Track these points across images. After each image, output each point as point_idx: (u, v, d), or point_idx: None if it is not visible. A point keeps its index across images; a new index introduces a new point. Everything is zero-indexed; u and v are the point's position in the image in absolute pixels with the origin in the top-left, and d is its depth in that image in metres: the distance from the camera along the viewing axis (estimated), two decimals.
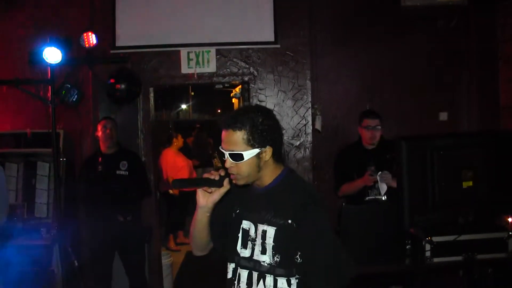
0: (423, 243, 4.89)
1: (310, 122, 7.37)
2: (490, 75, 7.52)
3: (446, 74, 7.60)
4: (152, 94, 7.59)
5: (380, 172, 5.90)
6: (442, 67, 7.60)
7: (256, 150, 2.93)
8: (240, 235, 3.10)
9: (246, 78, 7.39)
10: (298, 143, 7.32)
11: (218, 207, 3.25)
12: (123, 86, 6.78)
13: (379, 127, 6.02)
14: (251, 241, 3.05)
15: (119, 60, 7.05)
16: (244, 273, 3.09)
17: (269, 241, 2.96)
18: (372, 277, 5.96)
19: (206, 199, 3.07)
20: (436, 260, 4.90)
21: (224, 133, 3.01)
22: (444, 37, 7.56)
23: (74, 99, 6.45)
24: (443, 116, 7.43)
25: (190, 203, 11.96)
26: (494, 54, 7.48)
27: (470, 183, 5.35)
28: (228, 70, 7.34)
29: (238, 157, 2.93)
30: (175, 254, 10.08)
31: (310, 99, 7.34)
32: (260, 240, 3.00)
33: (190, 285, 8.76)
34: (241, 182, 3.01)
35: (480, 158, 5.73)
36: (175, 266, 9.17)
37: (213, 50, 7.27)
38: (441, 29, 7.55)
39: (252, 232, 3.06)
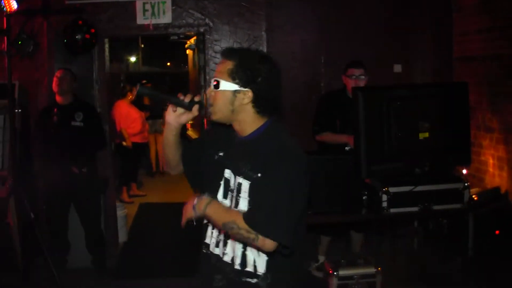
0: (380, 194, 5.10)
1: None
2: (444, 27, 7.78)
3: (401, 25, 7.83)
4: (107, 45, 7.73)
5: None
6: (398, 18, 7.83)
7: (234, 86, 2.93)
8: (222, 183, 3.09)
9: (201, 29, 7.55)
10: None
11: (200, 141, 3.43)
12: (78, 36, 6.91)
13: (363, 76, 6.23)
14: (231, 192, 3.04)
15: (74, 10, 7.10)
16: (214, 233, 3.16)
17: (244, 195, 2.95)
18: (332, 225, 6.32)
19: (172, 117, 3.12)
20: (392, 210, 5.12)
21: (220, 62, 3.05)
22: None
23: (30, 50, 6.63)
24: (397, 68, 7.64)
25: (142, 155, 12.33)
26: (448, 5, 7.74)
27: (427, 135, 5.65)
28: (183, 21, 7.47)
29: (216, 85, 2.95)
30: (128, 206, 10.30)
31: (265, 50, 7.47)
32: (235, 192, 3.00)
33: (143, 236, 9.03)
34: (214, 117, 3.03)
35: (437, 110, 6.06)
36: (129, 218, 9.45)
37: (168, 0, 7.38)
38: None
39: (232, 183, 3.05)
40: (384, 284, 5.42)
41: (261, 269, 2.97)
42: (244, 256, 3.00)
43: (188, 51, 8.96)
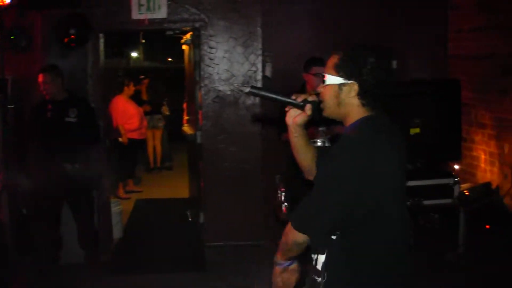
0: None
1: (260, 69, 7.65)
2: (440, 25, 7.85)
3: (398, 21, 7.88)
4: (102, 40, 7.74)
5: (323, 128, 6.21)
6: (395, 14, 7.89)
7: (339, 79, 2.87)
8: None
9: (197, 25, 7.60)
10: (247, 90, 7.55)
11: None
12: (73, 31, 6.95)
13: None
14: None
15: (68, 4, 7.13)
16: None
17: None
18: None
19: (289, 119, 3.12)
20: None
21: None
22: None
23: (23, 44, 6.68)
24: (393, 64, 7.78)
25: (140, 151, 12.36)
26: (445, 2, 7.82)
27: (418, 130, 5.78)
28: (179, 16, 7.53)
29: (324, 80, 2.94)
30: (125, 202, 10.42)
31: (260, 46, 7.61)
32: None
33: (139, 232, 9.07)
34: (324, 113, 3.00)
35: (428, 106, 6.19)
36: (126, 214, 9.55)
37: None
38: None
39: None
40: None
41: (321, 267, 2.92)
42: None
43: (184, 47, 8.99)
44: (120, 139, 10.86)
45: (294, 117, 3.09)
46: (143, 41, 22.06)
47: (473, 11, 7.04)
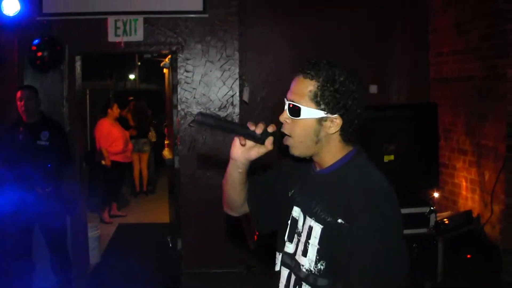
0: None
1: (238, 93, 7.57)
2: (421, 48, 7.74)
3: (378, 45, 7.84)
4: (79, 62, 7.70)
5: None
6: (374, 38, 7.83)
7: (320, 113, 2.43)
8: (289, 222, 2.66)
9: (173, 48, 7.54)
10: (225, 114, 7.50)
11: (273, 176, 2.91)
12: (44, 53, 6.90)
13: None
14: (298, 235, 2.58)
15: (42, 26, 7.12)
16: (284, 272, 2.67)
17: (314, 241, 2.44)
18: None
19: (239, 151, 2.66)
20: None
21: (294, 80, 2.54)
22: (376, 8, 7.81)
23: None
24: (373, 89, 7.59)
25: (124, 175, 12.28)
26: (425, 26, 7.71)
27: (392, 157, 5.66)
28: (155, 39, 7.48)
29: (295, 111, 2.46)
30: (108, 226, 10.40)
31: (238, 70, 7.55)
32: (304, 237, 2.51)
33: (119, 259, 8.82)
34: (292, 150, 2.55)
35: (404, 131, 6.05)
36: (106, 239, 9.44)
37: (140, 18, 7.40)
38: (373, 0, 7.82)
39: (300, 224, 2.58)
40: None
41: None
42: None
43: (164, 70, 8.93)
44: (103, 162, 10.77)
45: (247, 150, 2.63)
46: (139, 63, 22.05)
47: (452, 34, 6.96)
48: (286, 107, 2.50)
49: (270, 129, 2.58)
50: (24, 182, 6.49)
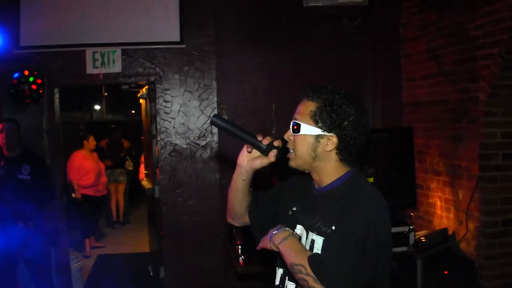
0: None
1: None
2: (393, 73, 7.93)
3: (351, 73, 7.99)
4: (57, 95, 7.73)
5: None
6: (348, 66, 7.98)
7: (317, 130, 2.72)
8: None
9: (152, 79, 7.62)
10: (204, 143, 7.61)
11: (274, 193, 3.13)
12: (25, 87, 6.93)
13: None
14: None
15: (21, 60, 7.17)
16: (291, 286, 2.88)
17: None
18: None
19: (245, 159, 2.91)
20: None
21: (300, 103, 2.85)
22: (349, 36, 7.98)
23: None
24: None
25: (98, 208, 12.16)
26: (397, 52, 7.90)
27: (371, 180, 5.82)
28: (134, 70, 7.55)
29: (296, 128, 2.76)
30: (87, 258, 10.38)
31: (216, 99, 7.64)
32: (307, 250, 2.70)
33: None
34: (292, 163, 2.83)
35: (382, 155, 6.24)
36: (86, 270, 9.42)
37: (118, 50, 7.48)
38: (346, 28, 7.96)
39: (303, 240, 2.80)
40: None
41: None
42: None
43: (141, 100, 9.00)
44: (73, 195, 10.67)
45: (252, 159, 2.88)
46: (106, 94, 22.06)
47: (424, 59, 7.15)
48: (291, 125, 2.80)
49: (276, 143, 2.82)
50: (6, 217, 6.52)
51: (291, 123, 2.80)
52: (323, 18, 7.89)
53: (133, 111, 22.48)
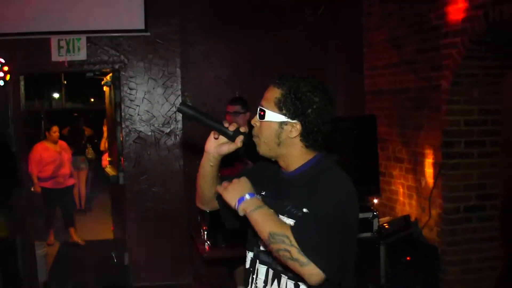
0: None
1: None
2: (356, 62, 8.03)
3: (314, 62, 8.08)
4: (22, 83, 7.73)
5: None
6: (311, 55, 8.09)
7: (281, 117, 2.71)
8: None
9: (116, 66, 7.65)
10: (168, 130, 7.68)
11: (243, 176, 2.93)
12: None
13: (239, 112, 6.25)
14: None
15: None
16: (262, 269, 2.87)
17: None
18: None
19: (212, 145, 2.90)
20: None
21: (267, 88, 2.82)
22: (312, 25, 8.10)
23: None
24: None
25: (57, 201, 11.89)
26: (360, 42, 8.00)
27: None
28: (98, 58, 7.57)
29: (262, 114, 2.75)
30: (50, 246, 10.29)
31: (180, 87, 7.71)
32: None
33: (65, 276, 8.85)
34: (259, 149, 2.82)
35: (345, 143, 6.34)
36: (50, 258, 9.35)
37: (83, 37, 7.48)
38: (310, 18, 8.06)
39: None
40: None
41: None
42: None
43: (104, 88, 8.98)
44: (32, 189, 10.38)
45: (219, 145, 2.89)
46: (65, 82, 21.86)
47: (386, 48, 7.26)
48: (257, 111, 2.79)
49: (242, 129, 2.83)
50: None
51: (258, 109, 2.80)
52: (286, 8, 7.98)
53: (92, 99, 22.31)
